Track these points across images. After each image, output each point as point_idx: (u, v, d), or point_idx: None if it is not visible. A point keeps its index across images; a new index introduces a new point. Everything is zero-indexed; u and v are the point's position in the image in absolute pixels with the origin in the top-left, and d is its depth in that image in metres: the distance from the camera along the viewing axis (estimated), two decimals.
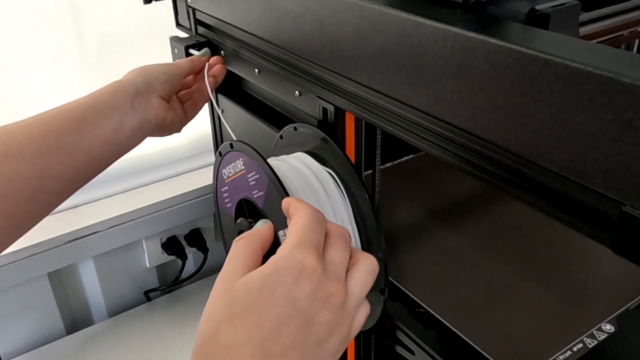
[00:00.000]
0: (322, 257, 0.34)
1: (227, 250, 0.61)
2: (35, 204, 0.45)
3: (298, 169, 0.51)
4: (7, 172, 0.43)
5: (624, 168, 0.27)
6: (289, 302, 0.32)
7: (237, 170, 0.54)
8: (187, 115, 0.59)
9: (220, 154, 0.57)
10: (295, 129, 0.55)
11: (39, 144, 0.45)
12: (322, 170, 0.50)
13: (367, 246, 0.50)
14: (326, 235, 0.36)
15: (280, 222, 0.49)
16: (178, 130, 0.58)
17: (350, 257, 0.37)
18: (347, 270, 0.36)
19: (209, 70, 0.61)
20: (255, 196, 0.52)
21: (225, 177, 0.57)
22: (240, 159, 0.53)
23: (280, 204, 0.47)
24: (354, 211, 0.49)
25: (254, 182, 0.51)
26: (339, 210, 0.49)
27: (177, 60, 0.63)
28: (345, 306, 0.34)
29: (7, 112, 0.80)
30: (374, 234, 0.49)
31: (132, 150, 0.91)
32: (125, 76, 0.54)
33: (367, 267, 0.36)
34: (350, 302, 0.35)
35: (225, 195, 0.58)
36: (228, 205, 0.58)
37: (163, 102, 0.54)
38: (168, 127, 0.56)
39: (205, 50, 0.63)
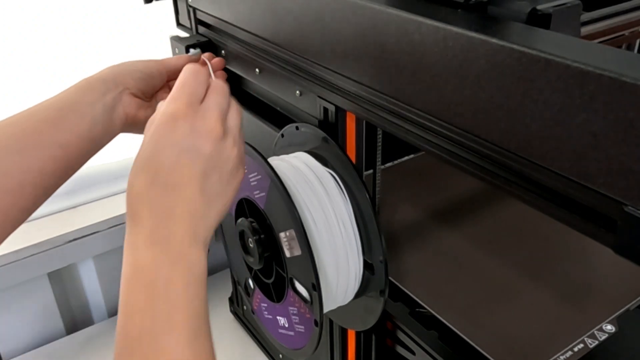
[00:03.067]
0: (194, 104, 0.40)
1: (227, 250, 0.62)
2: (22, 198, 0.47)
3: (299, 168, 0.51)
4: None
5: (625, 168, 0.27)
6: (173, 146, 0.38)
7: None
8: None
9: None
10: (296, 128, 0.55)
11: (17, 142, 0.47)
12: (323, 170, 0.50)
13: (367, 246, 0.50)
14: (208, 88, 0.42)
15: (282, 223, 0.49)
16: None
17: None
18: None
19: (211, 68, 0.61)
20: (256, 196, 0.52)
21: None
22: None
23: (282, 205, 0.48)
24: (354, 211, 0.49)
25: (255, 183, 0.51)
26: (340, 210, 0.49)
27: (167, 57, 0.62)
28: (226, 140, 0.40)
29: None
30: (375, 234, 0.49)
31: (132, 151, 0.91)
32: (98, 72, 0.54)
33: (235, 107, 0.43)
34: (229, 137, 0.41)
35: None
36: None
37: (136, 99, 0.54)
38: (142, 125, 0.55)
39: (196, 51, 0.62)
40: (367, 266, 0.50)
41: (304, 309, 0.50)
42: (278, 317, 0.55)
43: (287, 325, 0.54)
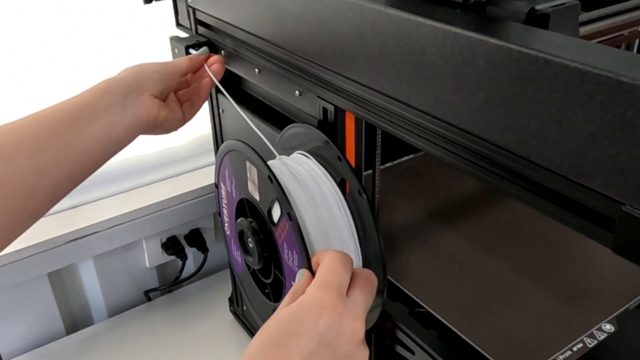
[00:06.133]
0: (343, 296, 0.39)
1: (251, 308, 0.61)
2: (33, 201, 0.46)
3: (292, 167, 0.51)
4: (3, 172, 0.44)
5: (624, 168, 0.27)
6: (315, 334, 0.36)
7: (228, 191, 0.55)
8: (184, 116, 0.59)
9: (219, 214, 0.57)
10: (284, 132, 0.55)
11: (33, 143, 0.46)
12: (315, 166, 0.50)
13: (368, 253, 0.50)
14: (353, 277, 0.41)
15: (269, 199, 0.49)
16: (175, 129, 0.58)
17: None
18: None
19: (208, 67, 0.62)
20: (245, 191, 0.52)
21: (226, 221, 0.58)
22: (224, 183, 0.54)
23: (266, 179, 0.47)
24: (351, 210, 0.49)
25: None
26: (335, 210, 0.49)
27: (175, 59, 0.63)
28: (362, 346, 0.38)
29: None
30: (372, 232, 0.48)
31: (132, 150, 0.91)
32: (118, 74, 0.53)
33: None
34: (364, 342, 0.39)
35: (234, 249, 0.58)
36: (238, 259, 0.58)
37: (156, 100, 0.54)
38: (161, 125, 0.55)
39: (204, 49, 0.63)
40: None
41: (296, 263, 0.49)
42: None
43: None
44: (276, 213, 0.48)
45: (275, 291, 0.54)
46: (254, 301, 0.59)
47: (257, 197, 0.51)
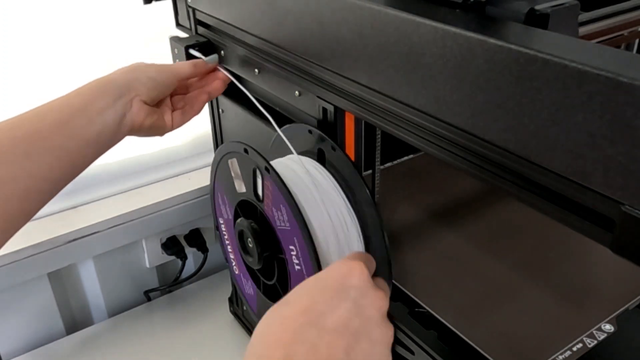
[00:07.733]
0: (370, 275, 0.40)
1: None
2: (27, 202, 0.47)
3: (293, 169, 0.51)
4: None
5: (623, 168, 0.27)
6: (341, 289, 0.37)
7: (226, 218, 0.55)
8: (172, 123, 0.58)
9: (225, 260, 0.57)
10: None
11: (25, 146, 0.46)
12: (317, 167, 0.50)
13: (372, 248, 0.50)
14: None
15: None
16: (160, 134, 0.58)
17: None
18: None
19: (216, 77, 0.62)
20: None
21: (233, 258, 0.57)
22: (222, 199, 0.53)
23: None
24: (354, 210, 0.49)
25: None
26: (336, 208, 0.49)
27: (178, 63, 0.63)
28: (387, 323, 0.39)
29: None
30: (375, 231, 0.48)
31: (132, 150, 0.91)
32: (112, 74, 0.53)
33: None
34: (389, 323, 0.40)
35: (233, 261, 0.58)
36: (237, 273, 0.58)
37: (145, 106, 0.54)
38: (147, 131, 0.55)
39: (213, 56, 0.63)
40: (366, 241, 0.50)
41: (286, 218, 0.49)
42: None
43: None
44: (259, 184, 0.48)
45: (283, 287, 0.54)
46: None
47: (243, 188, 0.51)
